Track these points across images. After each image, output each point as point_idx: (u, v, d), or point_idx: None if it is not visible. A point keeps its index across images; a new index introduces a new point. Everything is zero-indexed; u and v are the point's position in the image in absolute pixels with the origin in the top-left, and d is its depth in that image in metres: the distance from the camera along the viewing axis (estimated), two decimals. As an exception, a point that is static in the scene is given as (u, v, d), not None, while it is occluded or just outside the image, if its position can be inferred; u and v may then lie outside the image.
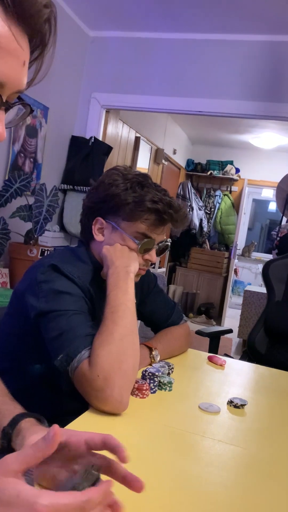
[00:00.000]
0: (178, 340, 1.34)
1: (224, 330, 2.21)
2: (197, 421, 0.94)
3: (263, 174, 6.03)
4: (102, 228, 1.12)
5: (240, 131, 5.19)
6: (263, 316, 2.28)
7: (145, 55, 3.10)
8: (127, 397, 0.90)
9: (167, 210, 1.08)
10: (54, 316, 0.95)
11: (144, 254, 1.12)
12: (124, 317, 0.95)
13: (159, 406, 0.99)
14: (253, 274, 7.12)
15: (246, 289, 4.59)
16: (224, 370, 1.34)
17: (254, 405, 1.08)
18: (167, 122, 5.05)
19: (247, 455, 0.84)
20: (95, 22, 3.04)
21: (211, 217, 6.23)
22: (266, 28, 2.75)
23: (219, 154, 6.23)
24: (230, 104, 2.96)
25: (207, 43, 2.97)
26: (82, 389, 0.90)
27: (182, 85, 3.04)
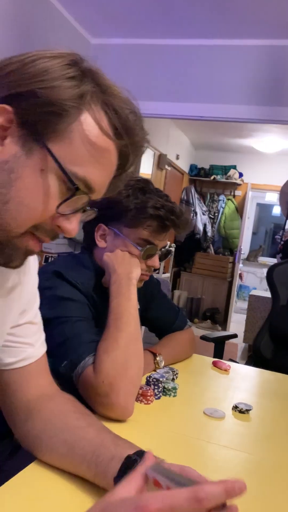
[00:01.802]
0: (183, 345, 1.34)
1: (229, 335, 2.20)
2: (202, 427, 0.94)
3: (266, 178, 6.02)
4: (104, 234, 1.12)
5: (243, 135, 5.20)
6: (268, 320, 2.27)
7: (147, 62, 3.12)
8: (132, 403, 0.90)
9: (169, 216, 1.08)
10: (58, 322, 0.95)
11: (147, 260, 1.12)
12: (128, 323, 0.95)
13: (163, 412, 0.99)
14: (258, 279, 7.10)
15: (251, 293, 4.57)
16: (229, 375, 1.33)
17: (259, 410, 1.08)
18: (170, 128, 5.07)
19: (253, 461, 0.83)
20: (97, 29, 3.07)
21: (215, 221, 6.22)
22: (267, 32, 2.76)
23: (222, 158, 6.24)
24: (232, 109, 2.96)
25: (208, 49, 2.99)
26: (87, 395, 0.90)
27: (185, 90, 3.06)
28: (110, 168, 0.59)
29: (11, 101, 0.52)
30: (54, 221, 0.57)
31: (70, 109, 0.53)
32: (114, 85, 0.58)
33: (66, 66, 0.53)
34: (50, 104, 0.51)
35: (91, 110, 0.55)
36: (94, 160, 0.56)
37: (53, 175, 0.54)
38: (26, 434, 0.74)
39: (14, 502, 0.61)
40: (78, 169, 0.54)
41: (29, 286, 0.76)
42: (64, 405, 0.76)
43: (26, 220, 0.55)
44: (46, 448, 0.70)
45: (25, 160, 0.53)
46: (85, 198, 0.56)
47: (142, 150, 0.63)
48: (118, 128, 0.57)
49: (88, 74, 0.55)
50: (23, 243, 0.57)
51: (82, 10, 2.82)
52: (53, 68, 0.52)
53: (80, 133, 0.54)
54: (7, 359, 0.74)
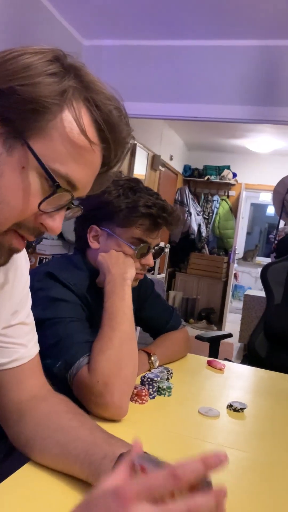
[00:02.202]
0: (177, 345, 1.34)
1: (224, 335, 2.20)
2: (197, 426, 0.94)
3: (260, 178, 6.04)
4: (97, 235, 1.12)
5: (236, 135, 5.22)
6: (262, 319, 2.27)
7: (140, 63, 3.12)
8: (126, 403, 0.90)
9: (161, 214, 1.08)
10: (51, 323, 0.95)
11: (141, 258, 1.12)
12: (122, 323, 0.95)
13: (158, 412, 0.99)
14: (253, 278, 7.12)
15: (246, 293, 4.59)
16: (224, 374, 1.33)
17: (253, 408, 1.08)
18: (163, 128, 5.08)
19: (248, 459, 0.83)
20: (89, 31, 3.07)
21: (209, 222, 6.24)
22: (260, 33, 2.78)
23: (216, 159, 6.25)
24: (225, 109, 2.97)
25: (201, 49, 3.00)
26: (82, 395, 0.90)
27: (178, 91, 3.06)
28: (94, 165, 0.58)
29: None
30: (37, 219, 0.57)
31: (51, 106, 0.52)
32: (98, 81, 0.57)
33: (47, 62, 0.53)
34: (31, 101, 0.51)
35: (73, 107, 0.54)
36: (77, 157, 0.55)
37: (34, 172, 0.53)
38: (19, 435, 0.74)
39: (8, 503, 0.61)
40: (60, 167, 0.54)
41: (20, 287, 0.76)
42: (57, 405, 0.76)
43: (8, 218, 0.54)
44: (39, 449, 0.70)
45: (6, 158, 0.53)
46: (67, 195, 0.56)
47: (127, 146, 0.62)
48: (101, 125, 0.56)
49: (70, 70, 0.55)
50: (7, 241, 0.57)
51: (74, 12, 2.82)
52: (35, 64, 0.51)
53: (61, 130, 0.54)
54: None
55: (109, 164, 0.62)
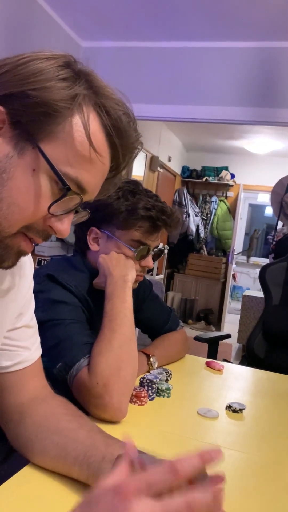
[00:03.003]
0: (176, 346, 1.34)
1: (222, 335, 2.21)
2: (196, 427, 0.95)
3: (258, 179, 6.06)
4: (97, 237, 1.13)
5: (234, 137, 5.23)
6: (261, 320, 2.28)
7: (138, 64, 3.13)
8: (126, 405, 0.90)
9: (160, 216, 1.09)
10: (51, 325, 0.95)
11: (141, 260, 1.13)
12: (122, 325, 0.96)
13: (157, 413, 0.99)
14: (252, 279, 7.12)
15: (245, 294, 4.59)
16: (222, 375, 1.34)
17: (252, 409, 1.09)
18: (162, 130, 5.09)
19: (247, 460, 0.84)
20: (88, 33, 3.08)
21: (207, 223, 6.25)
22: (257, 35, 2.79)
23: (214, 160, 6.27)
24: (223, 111, 2.98)
25: (199, 51, 3.01)
26: (81, 397, 0.90)
27: (176, 93, 3.07)
28: (103, 169, 0.59)
29: (3, 102, 0.52)
30: (46, 221, 0.57)
31: (62, 109, 0.53)
32: (107, 87, 0.58)
33: (59, 67, 0.54)
34: (42, 104, 0.52)
35: (83, 111, 0.55)
36: (86, 161, 0.56)
37: (44, 175, 0.54)
38: (18, 436, 0.74)
39: (8, 505, 0.61)
40: (70, 170, 0.55)
41: (24, 289, 0.76)
42: (56, 407, 0.76)
43: (18, 220, 0.55)
44: (38, 451, 0.70)
45: (17, 160, 0.53)
46: (77, 199, 0.57)
47: (136, 151, 0.64)
48: (111, 129, 0.57)
49: (81, 75, 0.56)
50: (15, 243, 0.57)
51: (73, 14, 2.82)
52: (47, 69, 0.52)
53: (72, 134, 0.54)
54: (3, 363, 0.74)
55: (117, 169, 0.63)
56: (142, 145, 0.64)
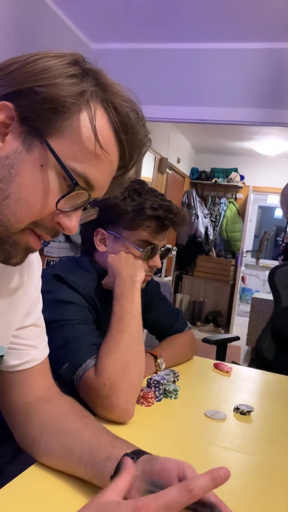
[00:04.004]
0: (183, 347, 1.34)
1: (231, 338, 2.19)
2: (203, 429, 0.94)
3: (268, 181, 6.03)
4: (103, 238, 1.13)
5: (243, 138, 5.21)
6: (270, 322, 2.26)
7: (147, 66, 3.14)
8: (133, 406, 0.90)
9: (167, 215, 1.08)
10: (58, 325, 0.95)
11: (148, 260, 1.12)
12: (130, 326, 0.95)
13: (164, 414, 0.99)
14: (261, 281, 7.08)
15: (254, 296, 4.56)
16: (230, 377, 1.33)
17: (260, 411, 1.07)
18: (171, 131, 5.09)
19: (254, 462, 0.83)
20: (97, 35, 3.09)
21: (216, 224, 6.23)
22: (267, 35, 2.78)
23: (223, 161, 6.25)
24: (233, 112, 2.97)
25: (208, 52, 3.00)
26: (88, 397, 0.90)
27: (185, 94, 3.07)
28: (111, 166, 0.59)
29: (12, 98, 0.53)
30: (54, 218, 0.57)
31: (70, 105, 0.53)
32: (116, 84, 0.59)
33: (67, 65, 0.54)
34: (50, 100, 0.52)
35: (90, 108, 0.55)
36: (94, 157, 0.56)
37: (53, 171, 0.54)
38: (25, 435, 0.74)
39: (14, 504, 0.61)
40: (78, 165, 0.55)
41: (32, 288, 0.76)
42: (63, 407, 0.76)
43: (26, 215, 0.55)
44: (44, 451, 0.70)
45: (25, 156, 0.54)
46: (85, 195, 0.57)
47: (144, 148, 0.63)
48: (118, 126, 0.58)
49: (89, 73, 0.56)
50: (23, 239, 0.57)
51: (82, 16, 2.84)
52: (55, 67, 0.53)
53: (79, 130, 0.55)
54: (11, 361, 0.74)
55: (126, 166, 0.63)
56: (150, 142, 0.64)
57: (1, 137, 0.54)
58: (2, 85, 0.53)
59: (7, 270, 0.68)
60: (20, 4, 2.47)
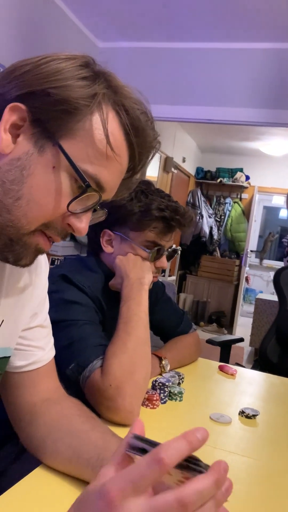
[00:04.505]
0: (188, 349, 1.33)
1: (235, 339, 2.19)
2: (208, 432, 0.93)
3: (273, 181, 6.00)
4: (110, 239, 1.12)
5: (249, 138, 5.19)
6: (274, 324, 2.25)
7: (154, 65, 3.13)
8: (138, 408, 0.90)
9: (174, 216, 1.08)
10: (64, 325, 0.95)
11: (155, 261, 1.12)
12: (137, 327, 0.95)
13: (169, 417, 0.99)
14: (265, 282, 7.06)
15: (258, 297, 4.55)
16: (235, 379, 1.32)
17: (266, 415, 1.07)
18: (177, 131, 5.07)
19: (260, 467, 0.82)
20: (104, 34, 3.08)
21: (221, 224, 6.21)
22: (274, 36, 2.76)
23: (228, 161, 6.23)
24: (239, 112, 2.96)
25: (215, 52, 2.99)
26: (93, 398, 0.90)
27: (191, 93, 3.06)
28: (121, 168, 0.60)
29: (24, 100, 0.53)
30: (64, 219, 0.57)
31: (82, 107, 0.54)
32: (126, 86, 0.59)
33: (79, 67, 0.54)
34: (63, 102, 0.52)
35: (102, 110, 0.55)
36: (105, 159, 0.56)
37: (64, 172, 0.55)
38: (30, 437, 0.74)
39: (20, 506, 0.61)
40: (89, 167, 0.55)
41: (39, 289, 0.76)
42: (69, 409, 0.76)
43: (37, 217, 0.55)
44: (51, 452, 0.70)
45: (37, 158, 0.54)
46: (95, 196, 0.57)
47: (153, 151, 0.64)
48: (129, 128, 0.58)
49: (100, 75, 0.56)
50: (34, 241, 0.57)
51: (90, 15, 2.83)
52: (67, 69, 0.53)
53: (91, 132, 0.55)
54: (17, 362, 0.74)
55: (134, 169, 0.63)
56: (160, 145, 0.64)
57: (13, 138, 0.54)
58: (14, 86, 0.53)
59: (16, 270, 0.68)
60: (27, 2, 2.47)
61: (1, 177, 0.54)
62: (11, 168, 0.54)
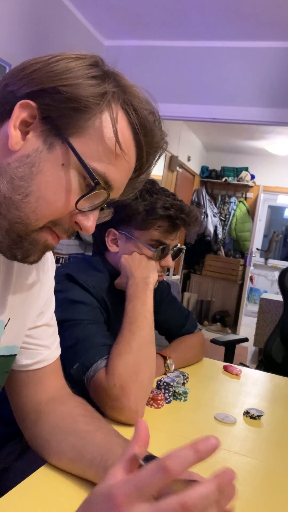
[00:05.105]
0: (193, 349, 1.33)
1: (239, 339, 2.18)
2: (212, 432, 0.93)
3: (278, 181, 5.98)
4: (115, 239, 1.12)
5: (255, 137, 5.17)
6: (279, 324, 2.25)
7: (160, 63, 3.12)
8: (142, 407, 0.90)
9: (179, 215, 1.07)
10: (69, 325, 0.95)
11: (161, 260, 1.12)
12: (142, 327, 0.95)
13: (174, 417, 0.98)
14: (269, 282, 7.04)
15: (262, 296, 4.55)
16: (240, 379, 1.32)
17: (270, 416, 1.06)
18: (182, 129, 5.06)
19: (264, 468, 0.82)
20: (110, 31, 3.08)
21: (226, 224, 6.20)
22: (279, 34, 2.75)
23: (234, 160, 6.21)
24: (245, 111, 2.95)
25: (221, 51, 2.98)
26: (98, 398, 0.90)
27: (197, 92, 3.05)
28: (129, 166, 0.60)
29: (34, 98, 0.54)
30: (72, 217, 0.58)
31: (92, 106, 0.54)
32: (135, 86, 0.59)
33: (88, 66, 0.55)
34: (73, 100, 0.53)
35: (112, 109, 0.56)
36: (114, 157, 0.56)
37: (73, 170, 0.55)
38: (35, 436, 0.74)
39: (24, 505, 0.61)
40: (98, 165, 0.55)
41: (46, 287, 0.76)
42: (74, 408, 0.76)
43: (46, 214, 0.55)
44: (55, 452, 0.70)
45: (47, 155, 0.54)
46: (104, 194, 0.57)
47: (161, 151, 0.64)
48: (138, 128, 0.58)
49: (109, 75, 0.57)
50: (42, 237, 0.58)
51: (96, 13, 2.83)
52: (76, 68, 0.54)
53: (100, 130, 0.55)
54: (23, 361, 0.74)
55: (141, 169, 0.64)
56: (167, 145, 0.65)
57: (23, 135, 0.55)
58: (24, 84, 0.54)
59: (23, 268, 0.68)
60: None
61: (10, 173, 0.54)
62: (21, 165, 0.54)
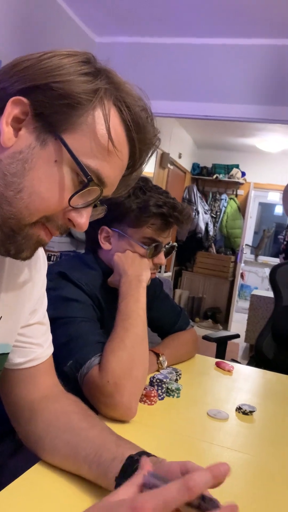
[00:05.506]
0: (185, 345, 1.34)
1: (231, 335, 2.20)
2: (205, 428, 0.94)
3: (269, 178, 6.01)
4: (108, 236, 1.12)
5: (246, 134, 5.19)
6: (270, 321, 2.27)
7: (151, 60, 3.11)
8: (136, 404, 0.90)
9: (172, 213, 1.08)
10: (62, 323, 0.95)
11: (153, 258, 1.12)
12: (135, 324, 0.95)
13: (167, 413, 0.99)
14: (260, 278, 7.09)
15: (253, 293, 4.57)
16: (232, 376, 1.33)
17: (262, 411, 1.08)
18: (173, 126, 5.06)
19: (256, 463, 0.83)
20: (102, 28, 3.06)
21: (217, 221, 6.22)
22: (271, 32, 2.76)
23: (225, 157, 6.23)
24: (236, 108, 2.96)
25: (212, 48, 2.98)
26: (91, 395, 0.90)
27: (188, 89, 3.05)
28: (122, 163, 0.60)
29: (27, 94, 0.53)
30: (65, 214, 0.58)
31: (85, 102, 0.54)
32: (127, 83, 0.59)
33: (80, 63, 0.55)
34: (65, 96, 0.53)
35: (104, 105, 0.56)
36: (106, 154, 0.56)
37: (66, 166, 0.55)
38: (29, 434, 0.74)
39: (18, 503, 0.61)
40: (91, 162, 0.55)
41: (39, 285, 0.76)
42: (68, 406, 0.76)
43: (39, 209, 0.55)
44: (49, 449, 0.70)
45: (39, 151, 0.54)
46: (97, 191, 0.57)
47: (153, 148, 0.64)
48: (130, 124, 0.58)
49: (102, 71, 0.57)
50: (35, 232, 0.57)
51: (87, 9, 2.81)
52: (69, 64, 0.54)
53: (93, 127, 0.55)
54: (16, 359, 0.74)
55: (134, 166, 0.64)
56: (159, 142, 0.65)
57: (15, 132, 0.54)
58: (16, 80, 0.54)
59: (15, 265, 0.68)
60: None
61: (3, 170, 0.54)
62: (13, 161, 0.54)
